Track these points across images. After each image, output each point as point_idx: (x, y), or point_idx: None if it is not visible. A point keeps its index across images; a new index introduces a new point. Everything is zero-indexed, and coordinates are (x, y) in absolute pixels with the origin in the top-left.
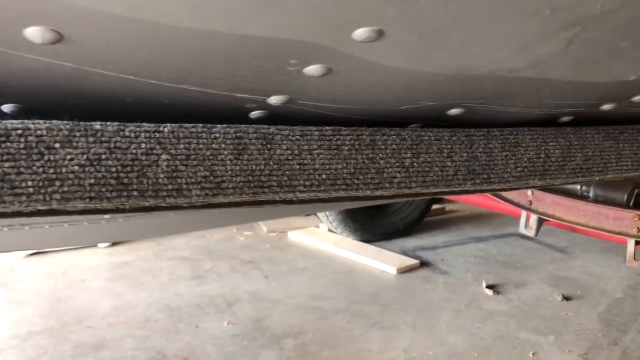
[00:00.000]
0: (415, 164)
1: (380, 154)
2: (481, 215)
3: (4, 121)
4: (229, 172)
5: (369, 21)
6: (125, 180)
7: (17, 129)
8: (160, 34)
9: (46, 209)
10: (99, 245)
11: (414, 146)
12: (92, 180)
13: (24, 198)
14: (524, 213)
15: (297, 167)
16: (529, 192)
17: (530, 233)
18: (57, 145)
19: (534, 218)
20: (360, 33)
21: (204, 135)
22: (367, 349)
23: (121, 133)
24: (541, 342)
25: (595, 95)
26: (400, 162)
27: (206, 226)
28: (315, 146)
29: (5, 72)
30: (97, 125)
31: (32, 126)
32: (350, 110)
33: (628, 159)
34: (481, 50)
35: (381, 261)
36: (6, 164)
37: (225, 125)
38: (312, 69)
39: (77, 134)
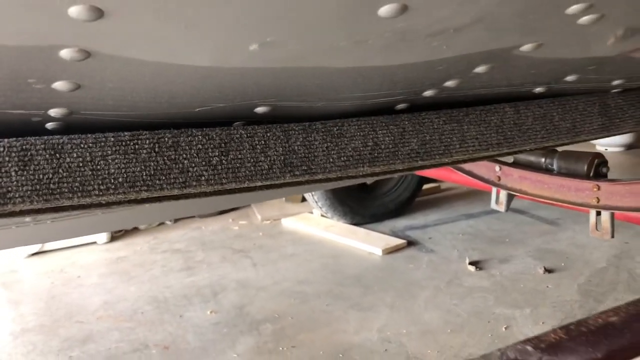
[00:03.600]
0: (224, 161)
1: (184, 154)
2: (476, 192)
3: None
4: (14, 183)
5: (60, 40)
6: None
7: None
8: None
9: None
10: (97, 242)
11: (223, 144)
12: None
13: None
14: (494, 189)
15: (90, 173)
16: (497, 167)
17: (501, 209)
18: None
19: (503, 193)
20: (64, 54)
21: None
22: (343, 330)
23: None
24: (516, 316)
25: (413, 81)
26: (207, 160)
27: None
28: (109, 151)
29: None
30: None
31: None
32: (149, 116)
33: (474, 139)
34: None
35: (368, 243)
36: None
37: (12, 139)
38: (60, 85)
39: None
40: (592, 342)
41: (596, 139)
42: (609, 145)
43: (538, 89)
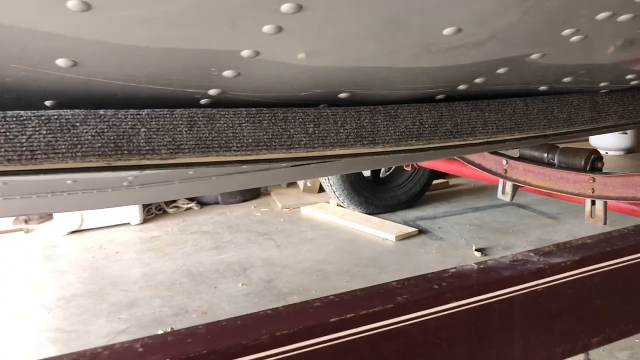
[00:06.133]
0: (316, 131)
1: (291, 125)
2: (483, 188)
3: (47, 110)
4: (185, 139)
5: (247, 45)
6: (119, 144)
7: (54, 115)
8: (142, 55)
9: (71, 166)
10: (131, 222)
11: (315, 119)
12: (99, 144)
13: (60, 155)
14: (500, 180)
15: (231, 134)
16: (504, 161)
17: (507, 198)
18: (77, 124)
19: (509, 185)
20: (244, 53)
21: (167, 116)
22: None
23: (116, 116)
24: None
25: (452, 78)
26: (305, 130)
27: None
28: (243, 121)
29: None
30: (100, 111)
31: (62, 113)
32: (268, 97)
33: (493, 124)
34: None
35: (382, 230)
36: (49, 135)
37: (182, 109)
38: (227, 73)
39: (89, 117)
40: (572, 251)
41: (587, 130)
42: (609, 149)
43: (542, 87)
